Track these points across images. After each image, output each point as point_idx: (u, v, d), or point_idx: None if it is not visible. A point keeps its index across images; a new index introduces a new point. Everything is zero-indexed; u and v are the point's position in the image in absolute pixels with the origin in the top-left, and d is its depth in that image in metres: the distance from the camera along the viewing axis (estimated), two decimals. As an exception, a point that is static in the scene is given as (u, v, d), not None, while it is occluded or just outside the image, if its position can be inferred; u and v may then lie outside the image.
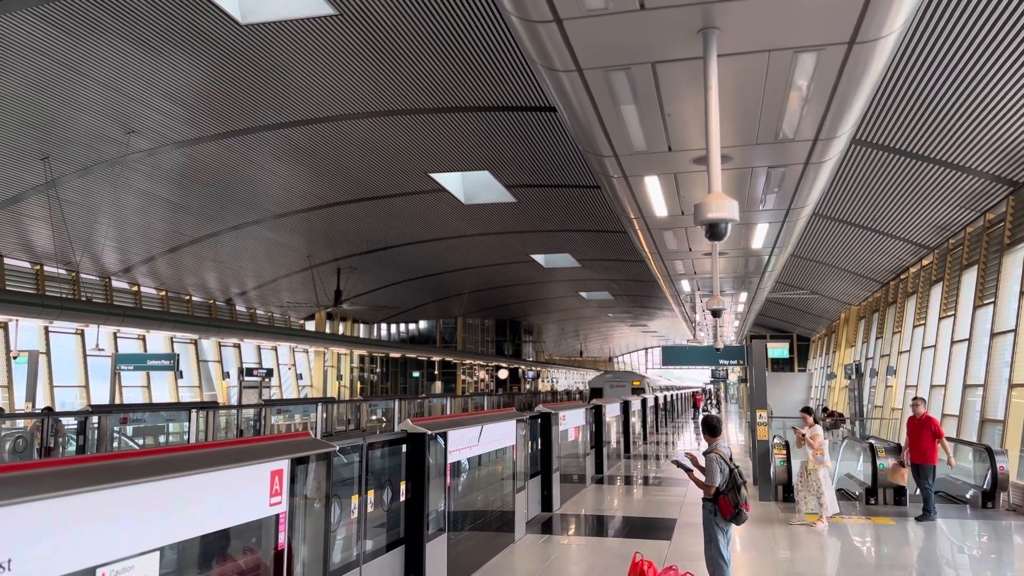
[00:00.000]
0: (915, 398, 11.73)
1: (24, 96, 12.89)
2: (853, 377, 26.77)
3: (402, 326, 48.20)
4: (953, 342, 17.03)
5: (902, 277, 22.86)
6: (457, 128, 15.50)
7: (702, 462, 6.80)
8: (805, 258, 24.01)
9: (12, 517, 2.93)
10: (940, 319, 18.40)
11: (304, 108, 14.35)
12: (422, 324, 48.79)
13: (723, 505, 6.50)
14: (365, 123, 15.10)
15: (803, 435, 10.95)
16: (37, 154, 15.08)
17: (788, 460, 12.64)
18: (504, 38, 11.43)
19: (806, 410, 11.49)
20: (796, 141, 6.70)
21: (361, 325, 44.22)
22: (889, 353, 23.87)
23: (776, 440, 12.98)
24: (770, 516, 11.19)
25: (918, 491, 11.20)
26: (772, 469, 12.60)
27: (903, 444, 11.98)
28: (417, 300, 40.51)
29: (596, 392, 31.04)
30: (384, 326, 47.21)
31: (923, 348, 19.83)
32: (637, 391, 29.85)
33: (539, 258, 30.23)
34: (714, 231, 4.43)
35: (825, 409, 30.72)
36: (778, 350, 45.50)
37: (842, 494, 13.48)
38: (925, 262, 20.35)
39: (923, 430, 11.04)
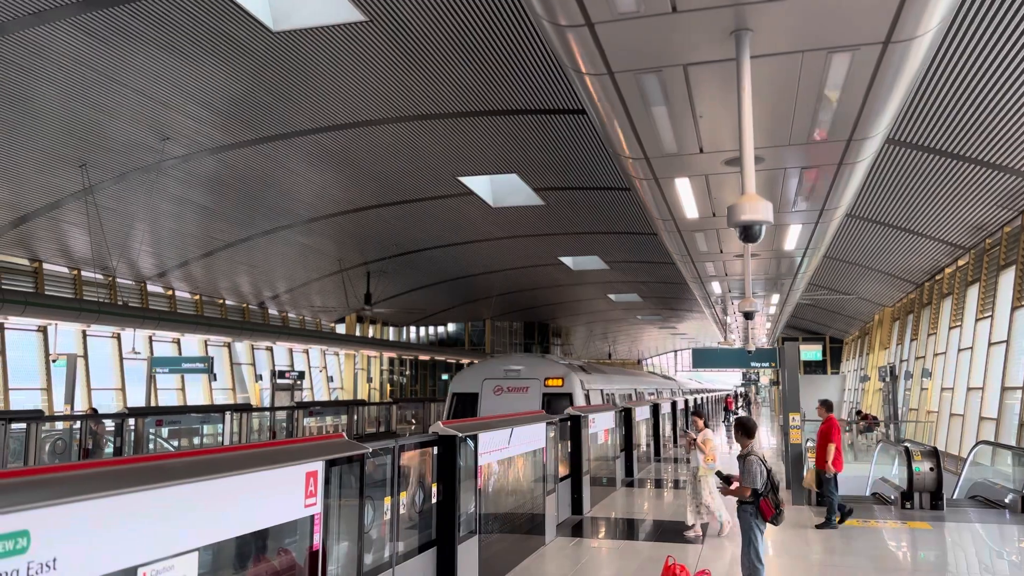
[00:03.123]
0: (820, 401, 11.56)
1: (62, 104, 13.17)
2: (887, 379, 26.38)
3: (431, 329, 48.39)
4: (991, 344, 16.72)
5: (937, 278, 22.49)
6: (485, 132, 15.56)
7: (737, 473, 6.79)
8: (838, 259, 23.72)
9: (57, 517, 2.99)
10: (977, 320, 18.08)
11: (335, 113, 14.49)
12: (451, 327, 48.93)
13: (764, 507, 6.50)
14: (395, 128, 15.21)
15: (693, 439, 10.54)
16: (75, 161, 15.39)
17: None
18: (533, 42, 11.45)
19: (696, 413, 11.15)
20: (829, 142, 6.64)
21: (391, 328, 44.48)
22: (924, 355, 23.50)
23: (809, 443, 12.83)
24: (802, 520, 11.06)
25: (956, 494, 11.01)
26: (805, 472, 12.46)
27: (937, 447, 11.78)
28: (446, 303, 40.65)
29: (465, 402, 15.20)
30: (413, 329, 47.45)
31: (959, 350, 19.49)
32: (557, 399, 14.50)
33: (567, 260, 30.18)
34: (748, 233, 4.40)
35: (859, 412, 30.28)
36: (811, 352, 44.94)
37: (877, 498, 13.29)
38: (961, 262, 20.00)
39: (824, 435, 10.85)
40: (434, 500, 6.95)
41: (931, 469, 11.87)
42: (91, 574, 3.16)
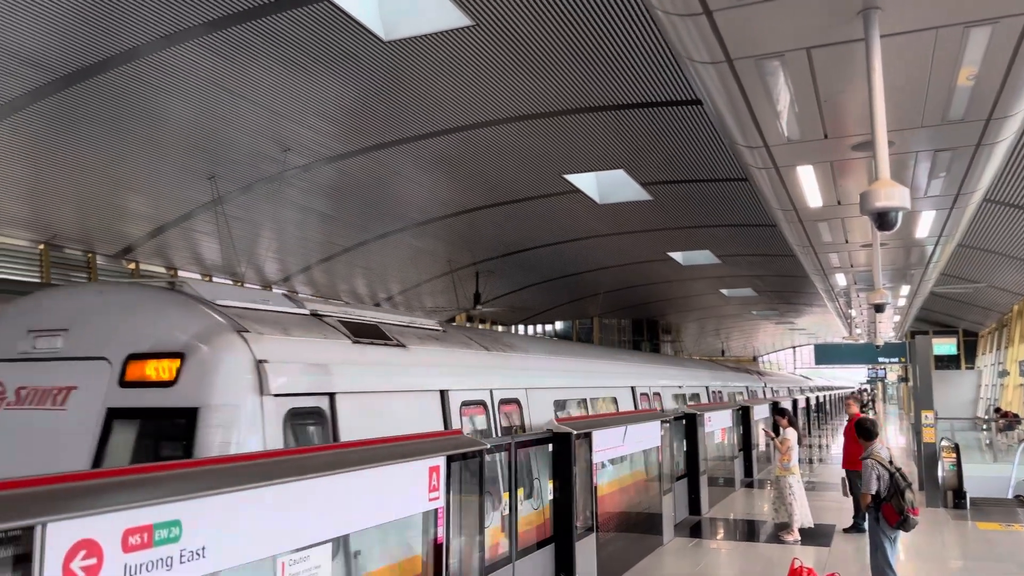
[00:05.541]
0: (847, 397, 10.74)
1: (192, 121, 13.98)
2: (1030, 375, 24.56)
3: (539, 327, 48.57)
4: None
5: (1086, 265, 20.76)
6: (592, 128, 15.46)
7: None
8: (973, 247, 22.25)
9: (206, 508, 3.16)
10: None
11: (444, 118, 14.76)
12: (558, 325, 48.96)
13: (887, 512, 6.21)
14: (502, 129, 15.34)
15: (772, 437, 10.11)
16: (204, 174, 16.32)
17: (959, 464, 11.78)
18: (642, 33, 11.29)
19: (780, 411, 10.53)
20: (966, 122, 6.23)
21: (499, 327, 44.97)
22: (1073, 349, 21.75)
23: (944, 443, 12.12)
24: (939, 523, 10.46)
25: None
26: (940, 473, 11.79)
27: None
28: (553, 301, 40.72)
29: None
30: (521, 327, 47.78)
31: (1115, 343, 17.92)
32: (146, 425, 4.61)
33: (677, 256, 29.62)
34: (884, 220, 4.19)
35: (997, 410, 28.34)
36: (943, 346, 42.36)
37: (1020, 500, 12.42)
38: (1114, 247, 18.38)
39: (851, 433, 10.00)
40: (550, 497, 6.98)
41: (1084, 471, 10.99)
42: (235, 563, 3.32)
